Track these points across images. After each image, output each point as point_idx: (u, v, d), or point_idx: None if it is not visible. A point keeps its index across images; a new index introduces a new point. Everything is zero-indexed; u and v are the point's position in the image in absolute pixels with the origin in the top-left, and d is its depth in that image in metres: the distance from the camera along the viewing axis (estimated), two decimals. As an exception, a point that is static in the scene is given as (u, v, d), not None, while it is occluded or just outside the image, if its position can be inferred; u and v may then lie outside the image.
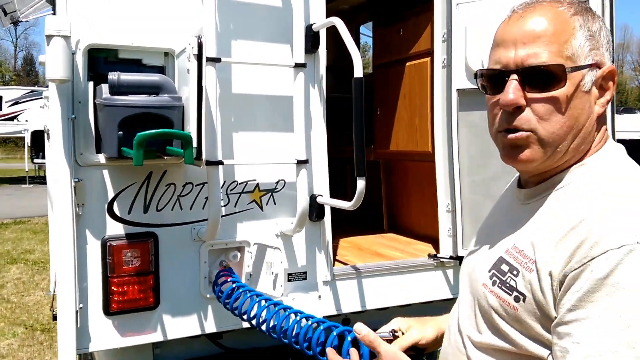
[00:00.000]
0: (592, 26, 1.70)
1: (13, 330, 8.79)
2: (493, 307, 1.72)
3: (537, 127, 1.66)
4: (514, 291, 1.65)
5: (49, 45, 3.03)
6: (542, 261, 1.58)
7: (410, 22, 5.66)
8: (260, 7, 3.75)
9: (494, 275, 1.74)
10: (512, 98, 1.65)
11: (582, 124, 1.69)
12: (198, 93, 3.17)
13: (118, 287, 3.41)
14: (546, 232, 1.63)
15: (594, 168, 1.71)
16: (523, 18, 1.69)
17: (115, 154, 3.19)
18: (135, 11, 3.44)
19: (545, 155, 1.69)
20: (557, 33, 1.65)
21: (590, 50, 1.67)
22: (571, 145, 1.69)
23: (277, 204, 3.88)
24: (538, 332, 1.60)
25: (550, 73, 1.63)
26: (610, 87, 1.73)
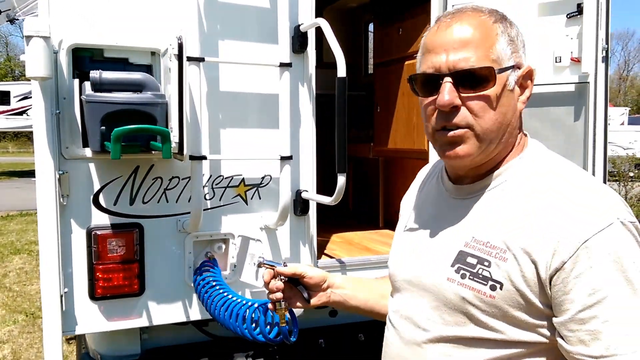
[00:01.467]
0: (511, 32, 1.85)
1: (14, 317, 8.93)
2: (467, 299, 1.81)
3: (473, 123, 1.80)
4: (489, 281, 1.76)
5: (28, 45, 3.15)
6: (518, 250, 1.72)
7: (409, 22, 5.75)
8: (248, 8, 3.86)
9: (461, 269, 1.84)
10: (449, 99, 1.78)
11: (509, 119, 1.85)
12: (179, 91, 3.28)
13: (103, 274, 3.54)
14: (510, 223, 1.78)
15: (532, 160, 1.89)
16: (451, 26, 1.82)
17: (98, 148, 3.31)
18: (121, 11, 3.56)
19: (480, 150, 1.83)
20: (483, 39, 1.80)
21: (512, 53, 1.83)
22: (501, 140, 1.85)
23: (262, 199, 4.00)
24: (515, 316, 1.73)
25: (481, 75, 1.78)
26: (529, 85, 1.90)
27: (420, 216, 2.19)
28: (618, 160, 19.33)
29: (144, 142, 3.36)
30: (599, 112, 3.89)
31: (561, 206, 1.70)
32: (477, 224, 1.87)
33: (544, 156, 1.92)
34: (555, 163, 1.89)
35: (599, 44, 3.85)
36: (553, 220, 1.69)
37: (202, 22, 3.65)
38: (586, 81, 3.90)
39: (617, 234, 1.64)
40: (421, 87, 1.91)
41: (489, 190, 1.90)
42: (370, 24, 8.33)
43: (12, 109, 29.64)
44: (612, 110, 33.36)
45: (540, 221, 1.71)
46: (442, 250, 1.95)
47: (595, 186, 1.77)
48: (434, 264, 1.96)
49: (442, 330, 1.90)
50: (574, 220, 1.66)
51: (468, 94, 1.79)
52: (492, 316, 1.77)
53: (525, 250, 1.70)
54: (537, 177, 1.83)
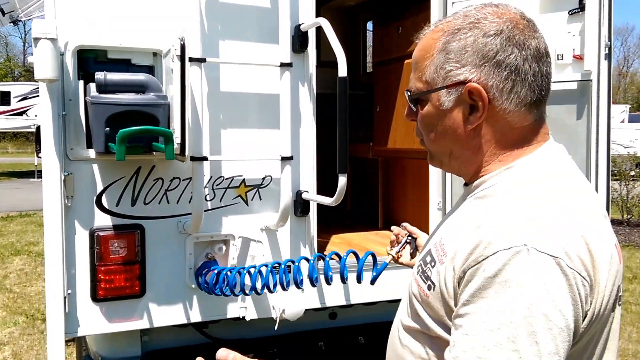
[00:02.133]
0: (455, 44, 1.74)
1: (14, 319, 8.91)
2: (414, 293, 1.86)
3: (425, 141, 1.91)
4: (428, 280, 1.77)
5: (36, 47, 3.18)
6: (450, 255, 1.69)
7: (408, 21, 5.75)
8: (249, 8, 3.87)
9: (420, 265, 1.88)
10: (405, 114, 1.92)
11: (455, 139, 1.80)
12: (181, 92, 3.30)
13: (105, 275, 3.56)
14: (457, 229, 1.76)
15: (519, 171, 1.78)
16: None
17: (103, 149, 3.34)
18: (125, 13, 3.58)
19: (440, 165, 1.93)
20: (419, 61, 1.81)
21: (448, 72, 1.74)
22: (453, 161, 1.87)
23: (263, 199, 4.00)
24: (444, 318, 1.72)
25: (412, 98, 1.84)
26: (477, 103, 1.73)
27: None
28: (619, 159, 19.31)
29: (146, 143, 3.37)
30: (602, 110, 3.87)
31: (489, 220, 1.65)
32: (448, 227, 1.89)
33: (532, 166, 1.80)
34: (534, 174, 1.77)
35: (601, 40, 3.83)
36: (476, 231, 1.64)
37: (203, 23, 3.66)
38: (589, 79, 3.89)
39: (518, 260, 1.51)
40: None
41: (471, 196, 1.88)
42: (369, 22, 8.34)
43: (12, 109, 29.69)
44: (613, 107, 33.25)
45: (467, 229, 1.68)
46: (426, 247, 1.99)
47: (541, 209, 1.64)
48: (417, 259, 2.03)
49: (403, 319, 1.96)
50: (489, 235, 1.58)
51: (412, 114, 1.90)
52: (427, 314, 1.79)
53: (451, 255, 1.69)
54: (500, 186, 1.77)
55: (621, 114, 34.50)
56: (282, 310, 3.89)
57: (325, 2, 7.54)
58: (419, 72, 1.80)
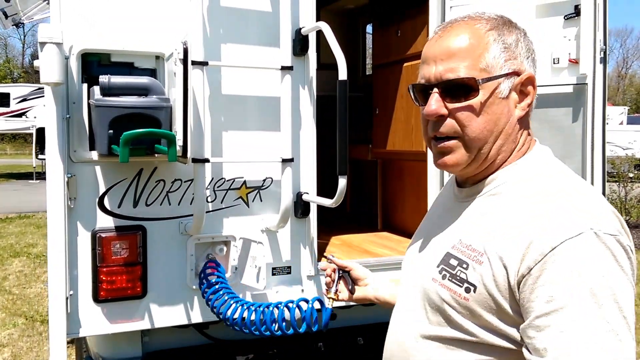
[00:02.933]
0: (508, 39, 1.87)
1: (14, 320, 8.93)
2: (445, 299, 1.83)
3: (460, 133, 1.84)
4: (464, 283, 1.78)
5: (42, 51, 3.22)
6: (493, 255, 1.72)
7: (407, 24, 5.79)
8: (250, 12, 3.91)
9: (444, 270, 1.87)
10: (434, 108, 1.84)
11: (501, 126, 1.86)
12: (184, 95, 3.33)
13: (107, 276, 3.59)
14: (493, 228, 1.79)
15: (525, 168, 1.89)
16: (442, 37, 1.88)
17: (106, 151, 3.37)
18: (127, 17, 3.62)
19: (470, 158, 1.87)
20: (470, 49, 1.83)
21: (506, 60, 1.84)
22: (494, 146, 1.87)
23: (264, 201, 4.04)
24: (489, 320, 1.73)
25: (464, 85, 1.81)
26: (530, 92, 1.90)
27: (429, 218, 2.26)
28: (617, 161, 19.28)
29: (148, 145, 3.41)
30: (597, 113, 3.91)
31: (537, 212, 1.71)
32: (465, 227, 1.91)
33: (540, 162, 1.92)
34: (547, 169, 1.89)
35: (597, 44, 3.87)
36: (526, 226, 1.69)
37: (205, 27, 3.70)
38: (584, 82, 3.93)
39: (587, 243, 1.60)
40: (417, 97, 1.98)
41: (481, 194, 1.93)
42: (368, 25, 8.37)
43: (11, 110, 29.67)
44: (611, 109, 33.28)
45: (514, 226, 1.72)
46: (433, 251, 2.00)
47: (580, 196, 1.75)
48: (424, 263, 2.02)
49: (425, 329, 1.93)
50: (546, 227, 1.65)
51: (454, 104, 1.84)
52: (466, 318, 1.79)
53: (498, 255, 1.71)
54: (523, 183, 1.85)
55: (620, 115, 34.53)
56: (282, 310, 3.93)
57: (325, 5, 7.58)
58: (471, 60, 1.83)
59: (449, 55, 1.84)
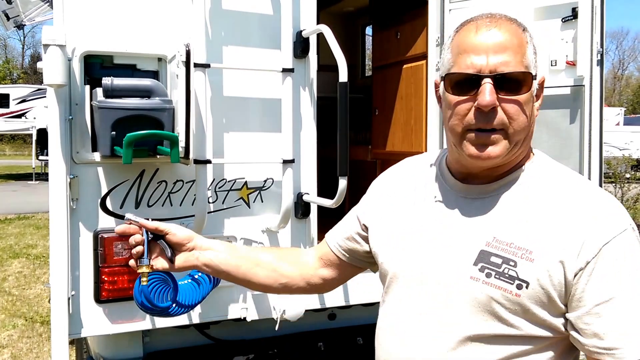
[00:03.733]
0: (534, 42, 1.94)
1: (13, 322, 8.95)
2: (494, 297, 1.85)
3: (507, 126, 1.85)
4: (515, 280, 1.83)
5: (46, 53, 3.24)
6: (546, 252, 1.81)
7: (406, 26, 5.82)
8: (251, 15, 3.94)
9: (486, 268, 1.88)
10: (490, 100, 1.82)
11: (531, 124, 1.94)
12: (186, 97, 3.35)
13: (108, 277, 3.60)
14: (536, 225, 1.87)
15: (542, 165, 2.01)
16: (491, 29, 1.87)
17: (109, 152, 3.40)
18: (130, 19, 3.64)
19: (508, 151, 1.89)
20: (519, 45, 1.87)
21: (535, 62, 1.92)
22: (524, 142, 1.93)
23: (265, 202, 4.07)
24: (537, 314, 1.83)
25: (520, 79, 1.85)
26: (541, 94, 1.99)
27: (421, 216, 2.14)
28: (614, 162, 19.39)
29: (151, 147, 3.45)
30: (594, 115, 3.94)
31: (583, 211, 1.84)
32: (498, 224, 1.92)
33: (550, 162, 2.03)
34: (562, 170, 2.01)
35: (593, 47, 3.90)
36: (577, 224, 1.81)
37: (207, 29, 3.72)
38: (581, 84, 3.96)
39: (630, 239, 1.80)
40: (455, 86, 1.93)
41: (504, 191, 1.96)
42: (368, 27, 8.40)
43: (11, 111, 29.68)
44: (608, 110, 33.37)
45: (564, 224, 1.82)
46: (459, 249, 1.96)
47: (605, 194, 1.92)
48: (452, 263, 1.97)
49: (461, 329, 1.92)
50: (596, 224, 1.80)
51: (506, 96, 1.85)
52: (514, 313, 1.84)
53: (552, 252, 1.80)
54: (553, 182, 1.94)
55: (616, 116, 34.62)
56: (282, 311, 3.95)
57: (325, 7, 7.60)
58: (519, 56, 1.87)
59: (502, 48, 1.86)
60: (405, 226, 2.18)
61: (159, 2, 3.71)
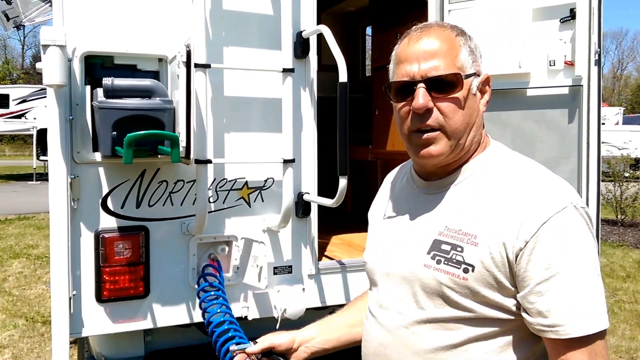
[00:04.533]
0: (470, 44, 2.11)
1: (14, 322, 8.96)
2: (443, 282, 1.99)
3: (444, 124, 2.03)
4: (461, 264, 1.96)
5: (45, 53, 3.25)
6: (488, 235, 1.93)
7: (406, 27, 5.80)
8: (252, 15, 3.96)
9: (437, 256, 2.04)
10: (422, 102, 2.00)
11: (474, 120, 2.08)
12: (187, 97, 3.37)
13: (110, 276, 3.62)
14: (480, 211, 1.99)
15: (492, 156, 2.14)
16: (421, 39, 2.07)
17: (110, 152, 3.40)
18: (130, 20, 3.66)
19: (450, 148, 2.06)
20: (448, 49, 2.04)
21: (472, 62, 2.08)
22: (468, 138, 2.08)
23: (265, 201, 4.09)
24: (486, 295, 1.94)
25: (450, 80, 2.02)
26: (487, 90, 2.16)
27: (394, 214, 2.36)
28: (613, 161, 19.48)
29: (152, 147, 3.45)
30: (592, 114, 3.97)
31: (523, 193, 1.94)
32: (449, 214, 2.08)
33: (504, 153, 2.17)
34: (515, 158, 2.13)
35: (591, 47, 3.93)
36: (516, 206, 1.92)
37: (208, 30, 3.74)
38: (580, 84, 3.99)
39: (571, 216, 1.87)
40: (395, 94, 2.12)
41: (457, 183, 2.13)
42: (368, 27, 8.43)
43: (10, 112, 29.70)
44: (607, 110, 33.47)
45: (504, 208, 1.94)
46: (417, 240, 2.14)
47: (550, 176, 2.02)
48: (410, 254, 2.14)
49: (420, 314, 2.08)
50: (534, 204, 1.89)
51: (440, 97, 2.02)
52: (464, 296, 1.96)
53: (493, 235, 1.93)
54: (501, 170, 2.07)
55: (615, 116, 34.73)
56: (283, 309, 3.97)
57: (325, 7, 7.63)
58: (450, 59, 2.04)
59: (431, 54, 2.03)
60: (380, 227, 2.43)
61: (159, 3, 3.73)
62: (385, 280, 2.25)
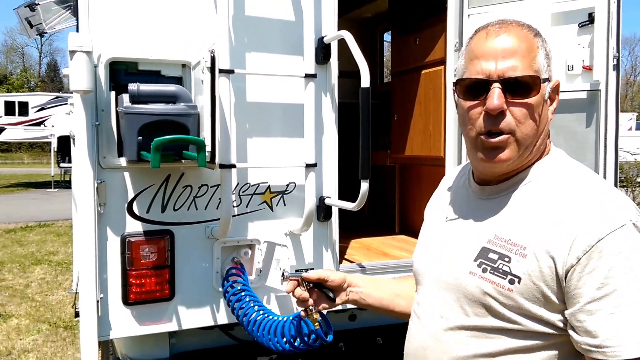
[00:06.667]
0: (547, 46, 2.02)
1: (37, 327, 9.07)
2: (487, 291, 1.96)
3: (515, 129, 1.95)
4: (508, 275, 1.91)
5: (72, 59, 3.31)
6: (538, 248, 1.87)
7: (425, 32, 5.89)
8: (274, 21, 4.00)
9: (483, 264, 2.00)
10: (498, 104, 1.91)
11: (543, 127, 2.01)
12: (211, 102, 3.40)
13: (136, 280, 3.68)
14: (532, 222, 1.93)
15: (551, 164, 2.05)
16: (500, 35, 1.97)
17: (135, 157, 3.45)
18: (154, 26, 3.71)
19: (518, 154, 1.98)
20: (528, 50, 1.95)
21: (547, 66, 1.99)
22: (535, 146, 2.01)
23: (287, 205, 4.13)
24: (531, 309, 1.88)
25: (528, 83, 1.93)
26: (556, 98, 2.06)
27: (445, 216, 2.34)
28: (626, 166, 19.42)
29: (177, 152, 3.49)
30: (610, 119, 3.97)
31: (578, 207, 1.85)
32: (500, 222, 2.03)
33: (563, 161, 2.08)
34: (573, 168, 2.04)
35: (609, 52, 3.94)
36: (570, 220, 1.83)
37: (231, 36, 3.80)
38: (597, 89, 4.00)
39: (629, 234, 1.77)
40: (466, 92, 2.03)
41: (512, 191, 2.05)
42: (386, 33, 8.46)
43: (30, 119, 29.92)
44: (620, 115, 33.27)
45: (558, 220, 1.86)
46: (465, 246, 2.11)
47: (609, 189, 1.92)
48: (457, 259, 2.12)
49: (462, 320, 2.06)
50: (590, 219, 1.80)
51: (514, 100, 1.93)
52: (508, 308, 1.92)
53: (544, 247, 1.85)
54: (557, 180, 1.98)
55: (628, 121, 34.56)
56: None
57: (344, 13, 7.67)
58: (528, 61, 1.95)
59: (510, 53, 1.95)
60: (431, 227, 2.40)
61: (182, 10, 3.78)
62: (431, 283, 2.24)
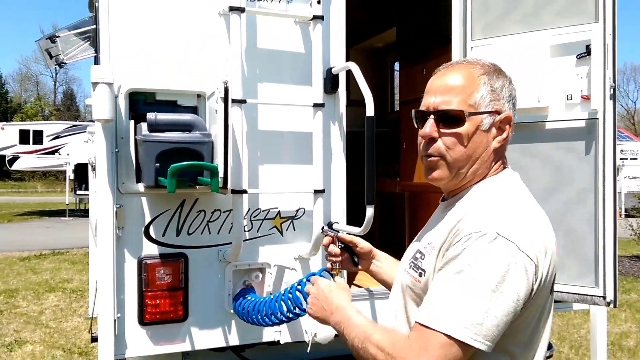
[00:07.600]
0: (495, 83, 2.29)
1: (52, 353, 9.16)
2: (407, 283, 2.37)
3: (445, 154, 2.28)
4: (419, 269, 2.30)
5: (95, 90, 3.47)
6: (435, 245, 2.22)
7: (432, 62, 5.98)
8: (285, 53, 4.16)
9: (411, 262, 2.38)
10: (428, 132, 2.29)
11: (479, 154, 2.29)
12: (224, 131, 3.57)
13: (151, 300, 3.80)
14: (443, 227, 2.25)
15: (485, 185, 2.32)
16: (444, 75, 2.34)
17: (153, 182, 3.59)
18: (171, 58, 3.87)
19: (451, 175, 2.31)
20: (464, 87, 2.26)
21: (491, 101, 2.26)
22: (470, 169, 2.29)
23: (297, 230, 4.25)
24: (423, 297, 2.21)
25: (453, 115, 2.25)
26: (506, 129, 2.32)
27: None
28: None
29: (192, 178, 3.63)
30: (607, 144, 4.05)
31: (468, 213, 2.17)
32: (434, 230, 2.37)
33: (501, 184, 2.33)
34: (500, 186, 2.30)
35: (606, 82, 4.05)
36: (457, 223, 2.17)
37: (244, 67, 3.94)
38: (595, 117, 4.10)
39: (483, 241, 2.01)
40: (416, 120, 2.42)
41: (452, 207, 2.35)
42: (396, 62, 8.62)
43: (44, 147, 30.11)
44: (637, 144, 33.13)
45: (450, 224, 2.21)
46: (411, 250, 2.49)
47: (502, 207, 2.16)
48: (402, 263, 2.56)
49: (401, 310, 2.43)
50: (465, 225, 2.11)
51: (444, 129, 2.27)
52: (419, 297, 2.26)
53: (437, 245, 2.23)
54: (477, 196, 2.28)
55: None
56: (314, 334, 4.10)
57: (355, 44, 7.83)
58: (462, 96, 2.25)
59: (446, 89, 2.28)
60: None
61: (197, 42, 3.94)
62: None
